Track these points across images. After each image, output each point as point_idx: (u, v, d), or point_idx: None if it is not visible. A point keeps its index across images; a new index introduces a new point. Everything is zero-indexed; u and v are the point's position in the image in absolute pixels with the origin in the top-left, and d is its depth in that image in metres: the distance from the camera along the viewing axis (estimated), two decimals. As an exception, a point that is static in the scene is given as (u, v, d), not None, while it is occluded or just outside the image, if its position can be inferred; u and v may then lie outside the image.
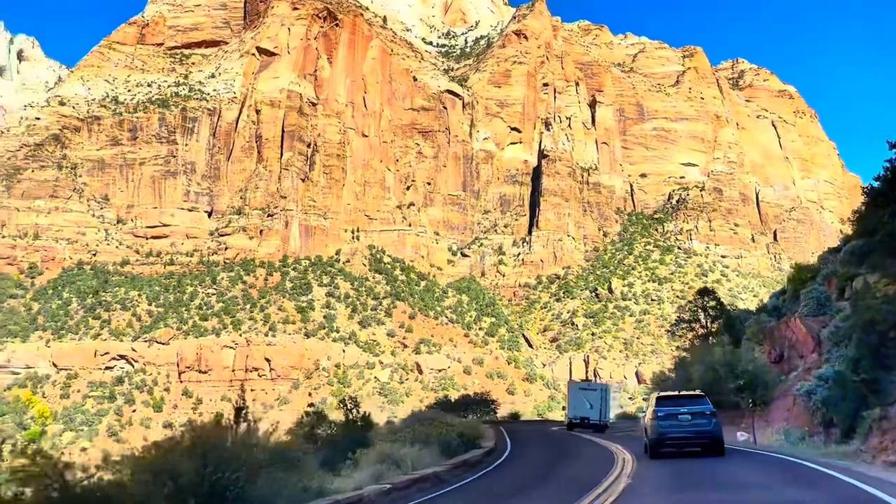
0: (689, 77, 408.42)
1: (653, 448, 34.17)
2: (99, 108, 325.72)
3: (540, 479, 28.75)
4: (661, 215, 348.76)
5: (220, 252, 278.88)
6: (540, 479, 29.16)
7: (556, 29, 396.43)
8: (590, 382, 79.85)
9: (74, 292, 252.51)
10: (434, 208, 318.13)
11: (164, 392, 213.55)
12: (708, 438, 32.97)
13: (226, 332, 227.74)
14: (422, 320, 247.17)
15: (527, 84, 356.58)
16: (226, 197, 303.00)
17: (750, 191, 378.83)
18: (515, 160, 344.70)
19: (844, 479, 22.69)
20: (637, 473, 27.86)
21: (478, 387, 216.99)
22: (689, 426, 32.72)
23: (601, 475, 27.23)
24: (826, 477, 23.98)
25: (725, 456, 32.28)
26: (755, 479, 24.95)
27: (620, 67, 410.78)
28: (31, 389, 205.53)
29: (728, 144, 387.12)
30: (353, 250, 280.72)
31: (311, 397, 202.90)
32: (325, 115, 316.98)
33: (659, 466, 30.54)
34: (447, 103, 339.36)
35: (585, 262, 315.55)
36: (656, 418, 33.36)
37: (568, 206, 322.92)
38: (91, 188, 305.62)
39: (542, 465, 36.13)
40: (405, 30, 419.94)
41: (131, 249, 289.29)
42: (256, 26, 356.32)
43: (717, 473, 26.57)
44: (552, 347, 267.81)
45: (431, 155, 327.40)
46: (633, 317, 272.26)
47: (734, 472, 27.17)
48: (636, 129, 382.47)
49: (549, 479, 28.64)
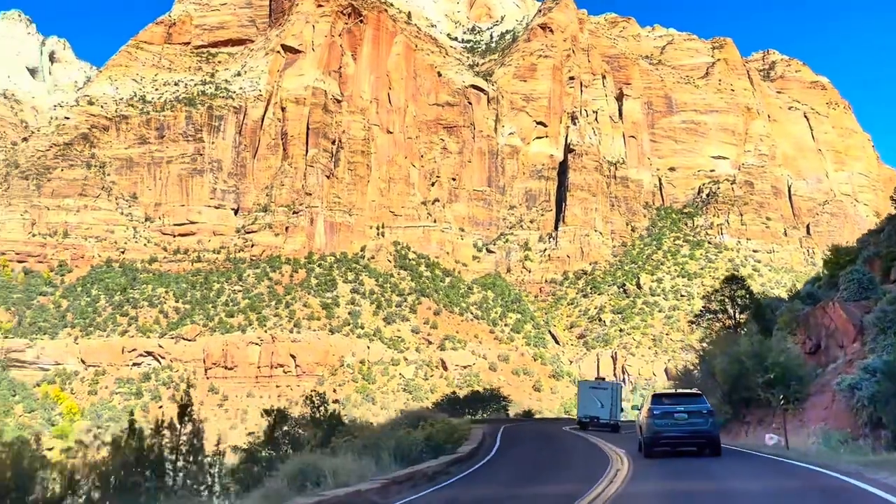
0: (719, 69, 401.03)
1: (647, 447, 33.22)
2: (127, 107, 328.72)
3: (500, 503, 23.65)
4: (690, 209, 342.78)
5: (246, 249, 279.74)
6: (502, 501, 23.78)
7: (582, 22, 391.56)
8: (600, 381, 76.45)
9: (103, 290, 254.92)
10: (459, 204, 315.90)
11: (190, 388, 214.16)
12: (704, 438, 32.25)
13: (251, 329, 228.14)
14: (447, 316, 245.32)
15: (552, 78, 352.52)
16: (252, 194, 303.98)
17: (782, 184, 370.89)
18: (541, 155, 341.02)
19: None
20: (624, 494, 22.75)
21: (503, 383, 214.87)
22: (685, 425, 31.96)
23: (584, 490, 23.11)
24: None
25: (748, 469, 28.31)
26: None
27: (648, 60, 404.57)
28: (60, 386, 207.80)
29: (759, 137, 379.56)
30: (378, 247, 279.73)
31: (336, 394, 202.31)
32: (350, 112, 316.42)
33: (656, 481, 26.11)
34: (472, 98, 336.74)
35: (613, 257, 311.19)
36: (651, 416, 32.47)
37: (595, 200, 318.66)
38: (119, 186, 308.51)
39: (516, 477, 30.19)
40: (430, 26, 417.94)
41: (159, 247, 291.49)
42: (281, 24, 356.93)
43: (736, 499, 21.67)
44: (579, 344, 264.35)
45: (456, 150, 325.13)
46: (662, 313, 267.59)
47: (751, 490, 22.55)
48: (665, 122, 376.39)
49: (514, 501, 23.53)
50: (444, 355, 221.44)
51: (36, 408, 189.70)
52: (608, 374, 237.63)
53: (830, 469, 25.37)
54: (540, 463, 36.60)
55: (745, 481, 24.52)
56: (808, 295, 45.52)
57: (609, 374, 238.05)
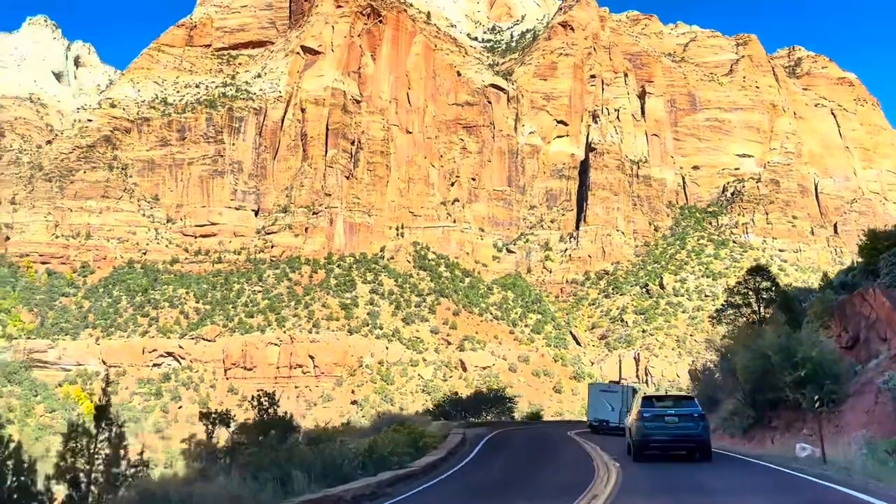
0: (744, 66, 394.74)
1: (636, 450, 32.71)
2: (148, 109, 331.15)
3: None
4: (715, 208, 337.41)
5: (266, 250, 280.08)
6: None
7: (603, 20, 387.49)
8: (611, 384, 74.41)
9: (124, 290, 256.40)
10: (479, 204, 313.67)
11: (210, 389, 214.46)
12: (695, 442, 31.77)
13: (270, 329, 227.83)
14: (466, 317, 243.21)
15: (573, 76, 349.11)
16: (272, 195, 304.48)
17: (809, 182, 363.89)
18: (562, 154, 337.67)
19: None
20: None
21: (523, 385, 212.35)
22: (675, 429, 31.35)
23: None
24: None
25: (756, 483, 25.72)
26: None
27: (671, 57, 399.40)
28: (81, 386, 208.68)
29: (785, 134, 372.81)
30: (398, 247, 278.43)
31: (354, 395, 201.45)
32: (369, 112, 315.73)
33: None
34: (491, 98, 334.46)
35: (635, 257, 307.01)
36: (641, 419, 31.86)
37: (617, 199, 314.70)
38: (141, 188, 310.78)
39: (471, 500, 25.82)
40: (450, 26, 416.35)
41: (180, 248, 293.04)
42: (301, 25, 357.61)
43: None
44: (601, 345, 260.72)
45: (476, 150, 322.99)
46: (686, 313, 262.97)
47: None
48: (688, 119, 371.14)
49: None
50: (464, 356, 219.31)
51: (57, 408, 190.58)
52: (630, 375, 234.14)
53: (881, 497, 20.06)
54: (511, 478, 31.36)
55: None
56: (842, 285, 40.71)
57: (631, 375, 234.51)
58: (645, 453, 32.46)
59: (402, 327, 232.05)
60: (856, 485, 22.69)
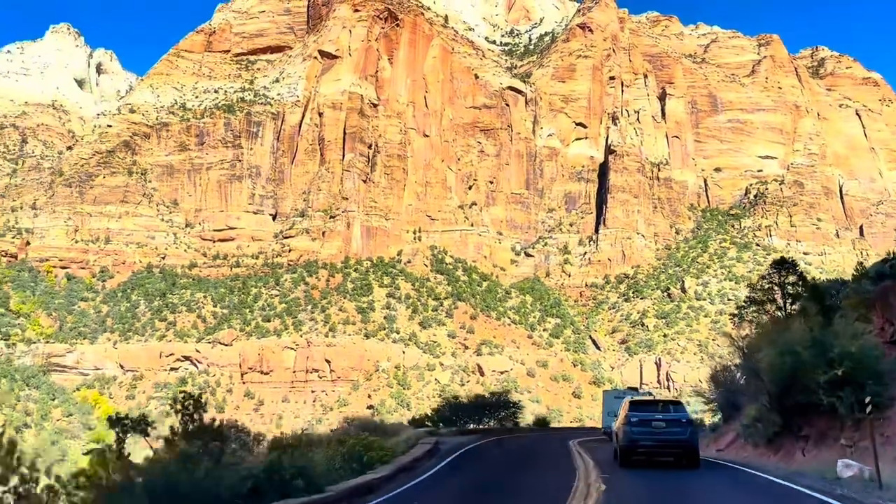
0: (766, 66, 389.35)
1: (623, 456, 32.01)
2: (167, 114, 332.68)
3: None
4: (737, 211, 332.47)
5: (283, 254, 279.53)
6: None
7: (622, 21, 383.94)
8: (628, 390, 70.68)
9: (143, 295, 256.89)
10: (497, 207, 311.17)
11: (227, 393, 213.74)
12: (682, 448, 30.97)
13: (287, 334, 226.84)
14: (483, 321, 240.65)
15: (592, 78, 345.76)
16: (290, 199, 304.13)
17: (833, 184, 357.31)
18: (581, 156, 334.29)
19: None
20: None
21: (542, 389, 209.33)
22: (662, 434, 30.64)
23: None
24: None
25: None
26: None
27: (692, 58, 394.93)
28: (99, 390, 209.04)
29: (809, 135, 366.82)
30: (415, 251, 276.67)
31: (371, 399, 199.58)
32: (386, 116, 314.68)
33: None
34: (509, 100, 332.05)
35: (656, 260, 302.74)
36: (628, 424, 31.11)
37: (637, 202, 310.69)
38: (160, 193, 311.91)
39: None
40: (468, 29, 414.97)
41: (199, 252, 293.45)
42: (319, 30, 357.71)
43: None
44: (621, 349, 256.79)
45: (493, 153, 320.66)
46: (709, 317, 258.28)
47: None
48: (709, 121, 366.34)
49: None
50: (481, 360, 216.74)
51: (74, 412, 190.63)
52: (651, 381, 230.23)
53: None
54: None
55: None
56: (879, 274, 37.22)
57: (652, 381, 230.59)
58: (633, 458, 31.53)
59: (419, 331, 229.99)
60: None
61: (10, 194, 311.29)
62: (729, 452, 41.96)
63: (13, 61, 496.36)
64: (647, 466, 31.70)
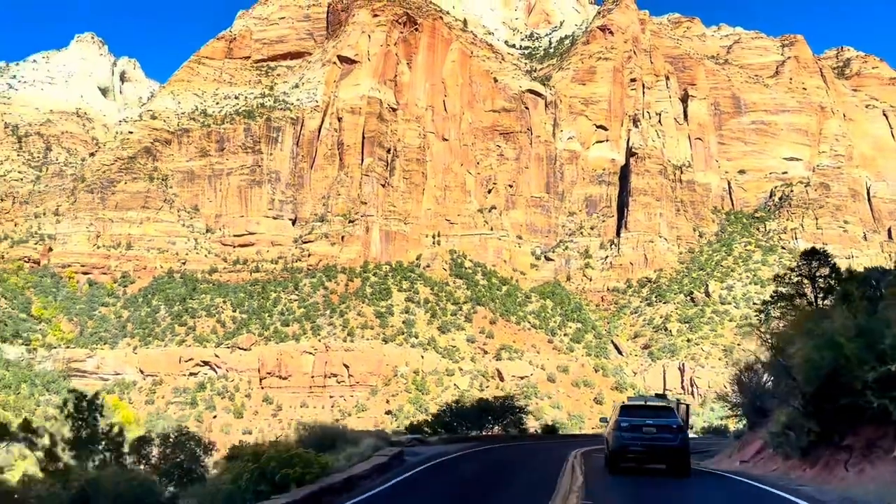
0: (790, 67, 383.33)
1: (612, 461, 31.79)
2: (188, 121, 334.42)
3: None
4: (762, 213, 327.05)
5: (303, 259, 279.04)
6: None
7: (643, 23, 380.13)
8: (651, 397, 67.35)
9: (163, 300, 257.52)
10: (516, 211, 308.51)
11: (245, 398, 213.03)
12: (672, 455, 30.50)
13: (305, 338, 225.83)
14: (503, 326, 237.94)
15: (613, 80, 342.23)
16: (309, 204, 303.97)
17: (860, 185, 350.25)
18: (602, 159, 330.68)
19: None
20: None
21: (562, 395, 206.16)
22: (652, 439, 30.23)
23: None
24: None
25: None
26: None
27: (714, 60, 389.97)
28: (119, 395, 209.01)
29: (834, 137, 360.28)
30: (434, 255, 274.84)
31: (389, 404, 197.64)
32: (405, 120, 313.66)
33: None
34: (529, 103, 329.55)
35: (679, 264, 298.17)
36: (618, 429, 30.76)
37: (659, 205, 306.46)
38: (181, 199, 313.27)
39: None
40: (487, 33, 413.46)
41: (219, 258, 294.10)
42: (338, 35, 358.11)
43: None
44: (644, 355, 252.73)
45: (513, 157, 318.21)
46: (734, 322, 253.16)
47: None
48: (733, 123, 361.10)
49: None
50: (500, 365, 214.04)
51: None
52: (675, 386, 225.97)
53: None
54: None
55: None
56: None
57: (676, 386, 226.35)
58: (621, 465, 31.12)
59: (438, 336, 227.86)
60: None
61: (33, 201, 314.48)
62: (755, 465, 37.79)
63: (38, 70, 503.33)
64: (645, 484, 28.84)
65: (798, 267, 45.79)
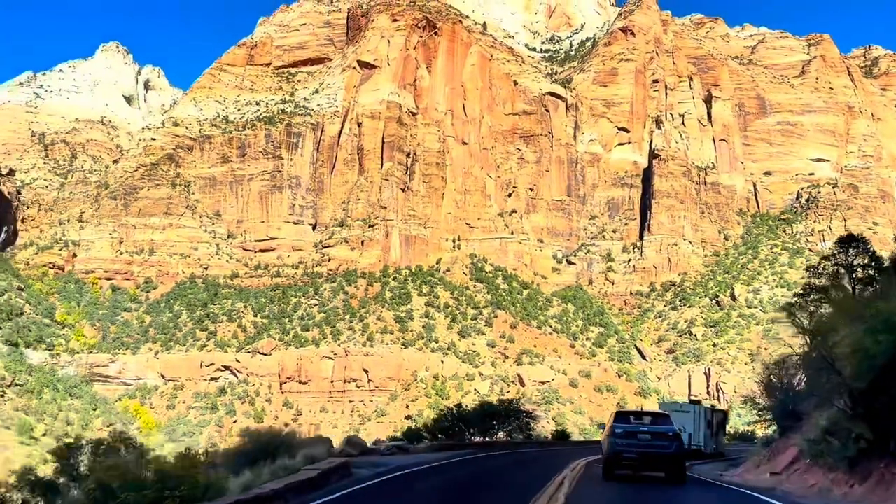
0: (816, 66, 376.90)
1: (606, 467, 31.94)
2: (210, 127, 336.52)
3: None
4: (788, 215, 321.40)
5: (323, 263, 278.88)
6: None
7: (665, 23, 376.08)
8: (684, 403, 63.79)
9: (185, 305, 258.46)
10: (537, 215, 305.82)
11: (266, 403, 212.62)
12: (667, 462, 30.50)
13: (325, 343, 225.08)
14: (524, 330, 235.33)
15: (635, 81, 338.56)
16: (329, 209, 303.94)
17: (889, 186, 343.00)
18: (624, 162, 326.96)
19: None
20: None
21: (584, 400, 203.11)
22: (647, 447, 30.32)
23: None
24: None
25: None
26: None
27: (738, 60, 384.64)
28: (140, 400, 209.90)
29: (863, 137, 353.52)
30: (454, 259, 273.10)
31: (409, 409, 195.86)
32: (425, 124, 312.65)
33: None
34: (549, 106, 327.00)
35: (704, 267, 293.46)
36: (613, 436, 30.99)
37: (683, 207, 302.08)
38: (203, 205, 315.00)
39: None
40: (507, 37, 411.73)
41: (240, 263, 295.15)
42: (358, 41, 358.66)
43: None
44: (668, 359, 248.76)
45: (534, 160, 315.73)
46: (760, 325, 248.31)
47: None
48: (758, 123, 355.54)
49: None
50: (521, 370, 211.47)
51: (115, 422, 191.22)
52: (700, 391, 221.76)
53: None
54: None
55: None
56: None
57: (702, 391, 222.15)
58: (616, 472, 31.30)
59: (458, 341, 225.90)
60: None
61: (57, 207, 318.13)
62: (789, 478, 32.79)
63: (64, 79, 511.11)
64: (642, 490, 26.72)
65: (833, 255, 41.24)
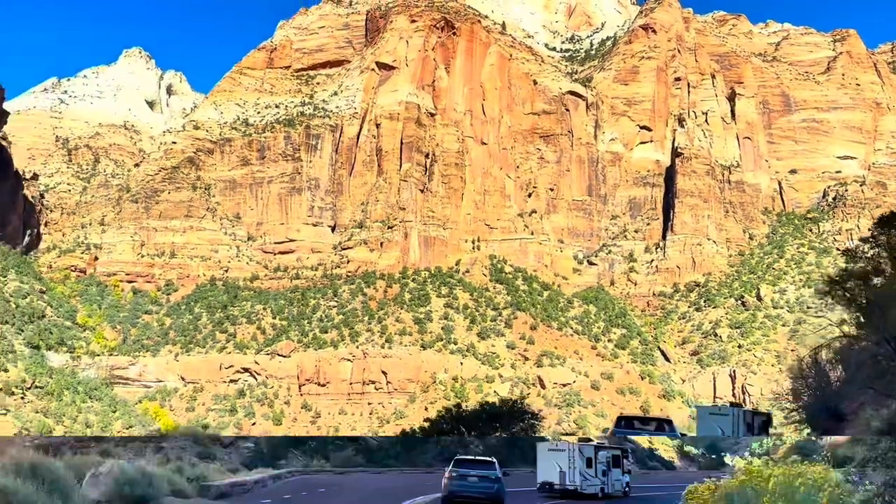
0: (842, 62, 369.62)
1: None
2: (230, 130, 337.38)
3: None
4: (815, 214, 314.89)
5: (342, 265, 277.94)
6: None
7: (687, 21, 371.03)
8: (723, 406, 59.77)
9: (205, 307, 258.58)
10: (557, 215, 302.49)
11: (285, 405, 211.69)
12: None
13: (343, 345, 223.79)
14: (544, 331, 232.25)
15: (657, 79, 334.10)
16: (348, 211, 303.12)
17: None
18: (646, 161, 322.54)
19: None
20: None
21: (607, 403, 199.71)
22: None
23: None
24: None
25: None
26: None
27: (762, 57, 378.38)
28: (160, 402, 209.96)
29: (891, 133, 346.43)
30: (473, 260, 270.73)
31: (427, 412, 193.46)
32: (444, 125, 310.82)
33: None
34: (569, 105, 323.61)
35: (729, 267, 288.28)
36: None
37: (707, 207, 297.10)
38: (223, 207, 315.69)
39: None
40: (527, 37, 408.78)
41: (260, 265, 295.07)
42: (376, 42, 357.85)
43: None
44: (692, 361, 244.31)
45: (554, 160, 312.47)
46: (787, 326, 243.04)
47: None
48: (782, 121, 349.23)
49: None
50: (542, 372, 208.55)
51: (134, 424, 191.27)
52: (726, 394, 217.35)
53: None
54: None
55: None
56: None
57: (727, 394, 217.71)
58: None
59: (478, 342, 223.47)
60: None
61: (80, 211, 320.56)
62: None
63: (88, 85, 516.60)
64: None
65: (873, 238, 36.04)
